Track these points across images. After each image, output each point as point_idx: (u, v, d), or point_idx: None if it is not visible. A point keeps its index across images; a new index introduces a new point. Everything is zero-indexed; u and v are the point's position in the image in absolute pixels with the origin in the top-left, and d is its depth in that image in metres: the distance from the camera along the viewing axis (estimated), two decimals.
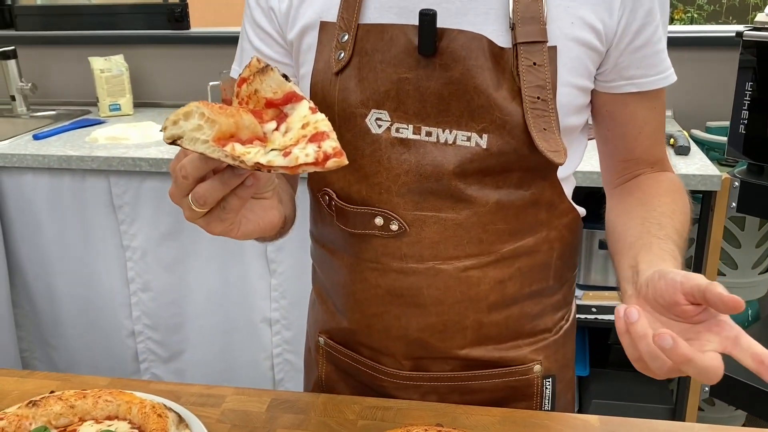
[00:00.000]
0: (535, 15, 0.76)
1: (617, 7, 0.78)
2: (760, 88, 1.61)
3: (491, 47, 0.76)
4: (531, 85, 0.76)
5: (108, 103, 2.36)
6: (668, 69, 0.84)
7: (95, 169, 1.92)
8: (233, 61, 0.98)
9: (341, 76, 0.80)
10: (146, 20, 2.50)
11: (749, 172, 1.70)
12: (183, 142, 0.58)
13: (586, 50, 0.78)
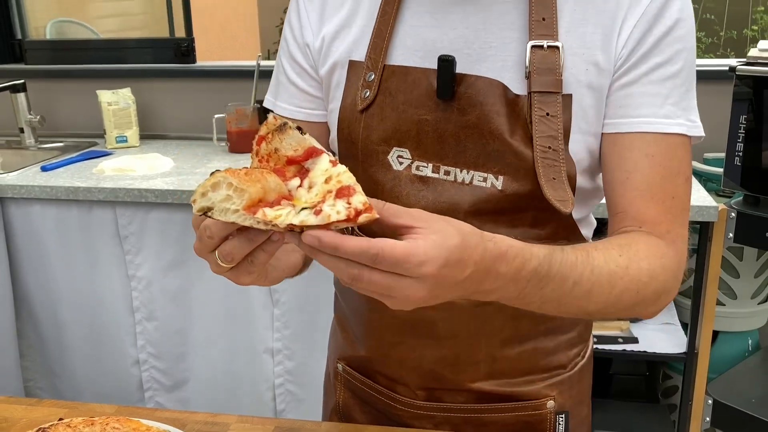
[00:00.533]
0: (551, 66, 0.77)
1: (623, 41, 0.79)
2: (754, 121, 1.64)
3: (506, 94, 0.79)
4: (543, 135, 0.78)
5: (115, 135, 2.40)
6: (660, 116, 0.79)
7: (102, 200, 1.95)
8: (238, 94, 1.01)
9: (366, 113, 0.83)
10: (154, 54, 2.56)
11: (746, 203, 1.73)
12: (214, 214, 0.58)
13: (601, 95, 0.80)
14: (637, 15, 0.78)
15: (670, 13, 0.78)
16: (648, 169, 0.79)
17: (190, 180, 1.99)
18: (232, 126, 2.31)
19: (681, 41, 0.79)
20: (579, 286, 0.72)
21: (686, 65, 0.80)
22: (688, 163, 0.82)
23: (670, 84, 0.79)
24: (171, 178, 2.02)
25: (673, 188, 0.80)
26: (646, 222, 0.80)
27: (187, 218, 1.94)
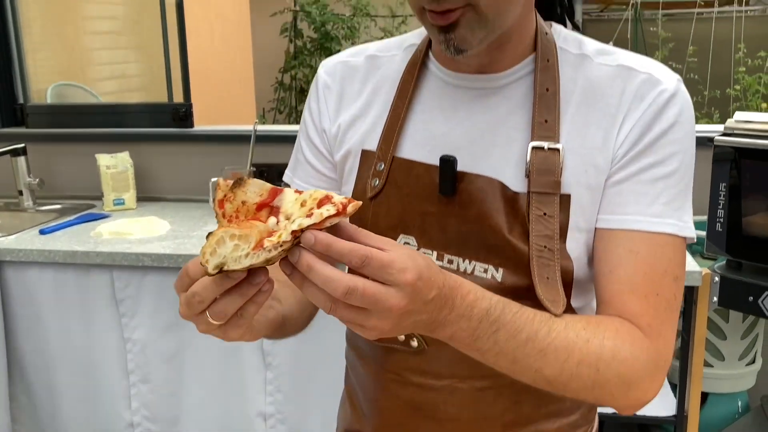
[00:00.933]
0: (551, 167, 0.80)
1: (620, 141, 0.81)
2: (734, 189, 1.70)
3: (505, 192, 0.82)
4: (539, 234, 0.80)
5: (112, 197, 2.45)
6: (646, 214, 0.80)
7: (99, 264, 1.99)
8: (234, 157, 1.06)
9: (375, 201, 0.87)
10: (152, 119, 2.62)
11: (729, 267, 1.77)
12: (228, 267, 0.61)
13: (599, 194, 0.82)
14: (635, 117, 0.80)
15: (666, 116, 0.80)
16: (631, 265, 0.80)
17: (186, 244, 2.03)
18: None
19: (676, 144, 0.80)
20: (533, 343, 0.73)
21: (681, 167, 0.81)
22: (678, 263, 0.82)
23: (661, 184, 0.80)
24: (167, 241, 2.06)
25: (658, 286, 0.80)
26: (627, 314, 0.80)
27: None
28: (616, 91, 0.82)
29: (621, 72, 0.83)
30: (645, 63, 0.84)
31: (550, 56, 0.84)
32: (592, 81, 0.83)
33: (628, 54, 0.86)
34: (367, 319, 0.64)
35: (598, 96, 0.83)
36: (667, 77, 0.83)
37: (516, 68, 0.86)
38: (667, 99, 0.80)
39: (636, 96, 0.81)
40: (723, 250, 1.77)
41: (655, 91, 0.81)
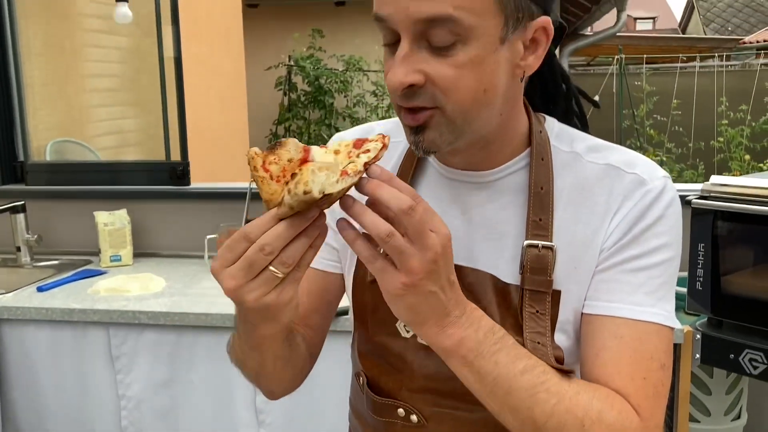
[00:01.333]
0: (544, 266, 0.83)
1: (608, 235, 0.84)
2: (712, 250, 1.77)
3: (497, 285, 0.85)
4: (532, 330, 0.83)
5: (109, 254, 2.49)
6: (627, 302, 0.82)
7: (96, 321, 2.02)
8: (230, 214, 1.09)
9: (375, 285, 0.87)
10: (150, 177, 2.69)
11: (710, 325, 1.83)
12: (326, 190, 0.67)
13: (586, 288, 0.85)
14: (624, 212, 0.83)
15: (653, 212, 0.83)
16: (616, 349, 0.81)
17: (182, 301, 2.07)
18: None
19: (662, 237, 0.82)
20: (529, 375, 0.75)
21: (666, 260, 0.83)
22: (664, 351, 0.83)
23: (644, 275, 0.82)
24: (164, 299, 2.10)
25: (645, 371, 0.80)
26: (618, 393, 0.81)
27: (177, 338, 2.01)
28: (605, 191, 0.85)
29: (609, 171, 0.85)
30: (633, 162, 0.86)
31: (545, 155, 0.87)
32: (582, 180, 0.86)
33: (617, 151, 0.88)
34: (390, 271, 0.70)
35: (587, 194, 0.86)
36: (654, 177, 0.85)
37: (506, 165, 0.88)
38: (653, 198, 0.83)
39: (624, 197, 0.84)
40: (704, 308, 1.82)
41: (641, 191, 0.84)
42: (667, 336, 0.83)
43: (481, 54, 0.75)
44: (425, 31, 0.74)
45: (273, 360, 0.88)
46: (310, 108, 6.76)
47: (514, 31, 0.77)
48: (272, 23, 7.43)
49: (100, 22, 3.60)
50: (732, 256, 1.79)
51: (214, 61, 4.89)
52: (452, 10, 0.72)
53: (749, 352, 1.69)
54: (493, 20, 0.75)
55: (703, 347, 1.79)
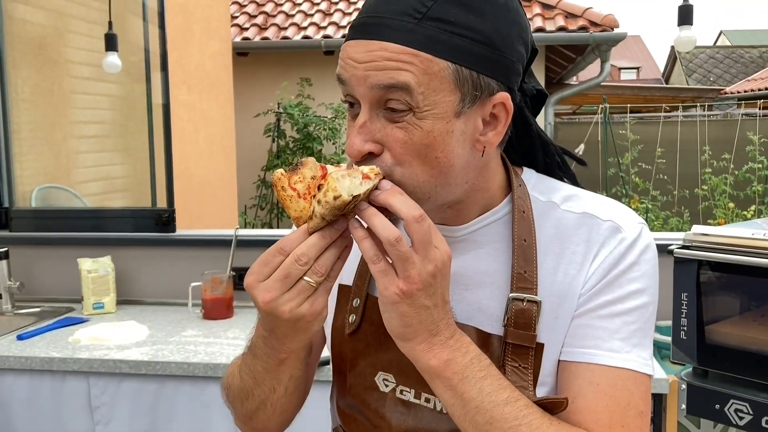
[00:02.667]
0: (528, 321, 0.83)
1: (584, 282, 0.84)
2: (695, 299, 1.77)
3: (479, 336, 0.84)
4: (515, 384, 0.81)
5: (92, 301, 2.47)
6: (602, 348, 0.82)
7: (76, 370, 1.99)
8: (215, 261, 1.10)
9: (353, 337, 0.91)
10: (135, 224, 2.68)
11: (695, 374, 1.82)
12: (353, 193, 0.72)
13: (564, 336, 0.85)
14: (600, 259, 0.84)
15: (627, 259, 0.83)
16: (592, 396, 0.81)
17: (164, 350, 2.05)
18: (207, 293, 2.40)
19: (636, 282, 0.83)
20: (511, 407, 0.75)
21: (640, 305, 0.83)
22: (641, 397, 0.82)
23: (619, 321, 0.82)
24: (146, 348, 2.07)
25: (622, 418, 0.80)
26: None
27: (158, 387, 1.98)
28: (582, 239, 0.85)
29: (585, 220, 0.86)
30: (608, 210, 0.87)
31: (525, 208, 0.87)
32: (559, 228, 0.87)
33: (593, 199, 0.89)
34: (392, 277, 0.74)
35: (566, 243, 0.86)
36: (629, 224, 0.86)
37: (478, 219, 0.88)
38: (628, 245, 0.84)
39: (601, 244, 0.85)
40: (689, 358, 1.82)
41: (617, 238, 0.84)
42: (644, 383, 0.83)
43: (437, 127, 0.76)
44: (383, 97, 0.76)
45: (287, 381, 0.89)
46: (298, 154, 6.80)
47: (471, 107, 0.78)
48: (262, 71, 7.52)
49: (90, 69, 3.63)
50: (715, 306, 1.79)
51: (203, 107, 4.93)
52: (410, 81, 0.75)
53: (735, 402, 1.68)
54: (449, 96, 0.76)
55: (689, 397, 1.77)
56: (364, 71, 0.76)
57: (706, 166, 6.93)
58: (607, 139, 7.43)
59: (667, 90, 13.85)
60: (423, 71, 0.75)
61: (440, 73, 0.75)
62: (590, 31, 7.06)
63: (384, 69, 0.75)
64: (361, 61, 0.76)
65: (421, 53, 0.74)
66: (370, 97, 0.77)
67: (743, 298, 1.80)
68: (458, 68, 0.76)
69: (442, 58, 0.75)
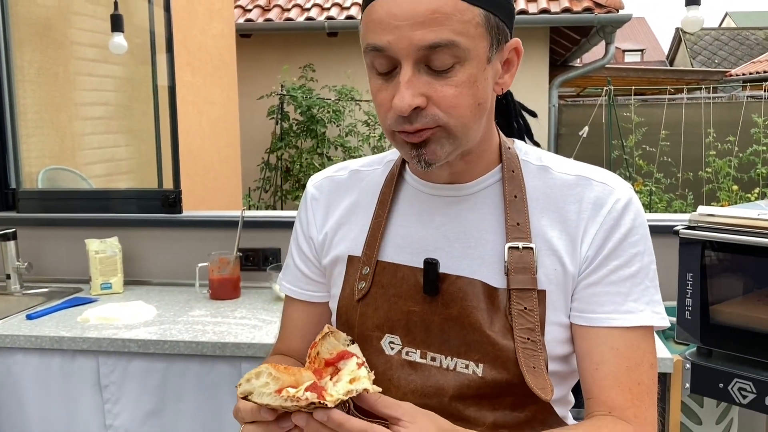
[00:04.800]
0: (527, 265, 0.89)
1: (586, 248, 0.90)
2: (700, 279, 1.78)
3: (485, 289, 0.89)
4: (522, 327, 0.87)
5: (100, 282, 2.49)
6: (620, 312, 0.89)
7: (86, 349, 2.01)
8: (221, 242, 1.15)
9: (362, 303, 0.95)
10: (142, 205, 2.70)
11: (699, 354, 1.83)
12: (253, 397, 0.72)
13: (567, 293, 0.91)
14: (596, 225, 0.90)
15: (624, 222, 0.90)
16: (613, 361, 0.89)
17: (171, 330, 2.06)
18: (215, 274, 2.41)
19: (636, 246, 0.91)
20: None
21: (643, 266, 0.91)
22: (651, 351, 0.92)
23: (629, 283, 0.90)
24: (154, 327, 2.09)
25: (638, 376, 0.89)
26: (615, 408, 0.88)
27: (167, 367, 2.00)
28: (576, 198, 0.92)
29: (580, 181, 0.93)
30: (600, 174, 0.94)
31: (515, 167, 0.94)
32: (554, 188, 0.93)
33: (584, 165, 0.96)
34: None
35: (560, 202, 0.92)
36: (621, 187, 0.93)
37: (482, 178, 0.95)
38: (623, 207, 0.91)
39: (595, 204, 0.91)
40: (693, 337, 1.83)
41: (611, 199, 0.91)
42: (652, 334, 0.92)
43: (475, 73, 0.82)
44: (426, 57, 0.80)
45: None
46: (302, 137, 6.79)
47: (496, 52, 0.85)
48: (265, 53, 7.50)
49: (95, 51, 3.62)
50: (720, 286, 1.80)
51: (206, 90, 4.92)
52: (454, 36, 0.78)
53: (738, 381, 1.70)
54: (482, 42, 0.82)
55: (693, 376, 1.79)
56: (409, 27, 0.78)
57: (711, 149, 6.91)
58: (611, 122, 7.40)
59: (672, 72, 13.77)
60: (462, 21, 0.79)
61: (475, 20, 0.80)
62: (595, 12, 7.02)
63: (430, 25, 0.78)
64: (402, 14, 0.78)
65: (460, 2, 0.79)
66: (414, 55, 0.80)
67: (748, 278, 1.81)
68: (488, 14, 0.81)
69: (476, 5, 0.80)
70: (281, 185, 6.94)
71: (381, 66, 0.83)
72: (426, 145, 0.84)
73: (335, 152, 6.83)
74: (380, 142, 6.69)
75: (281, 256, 2.59)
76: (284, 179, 6.95)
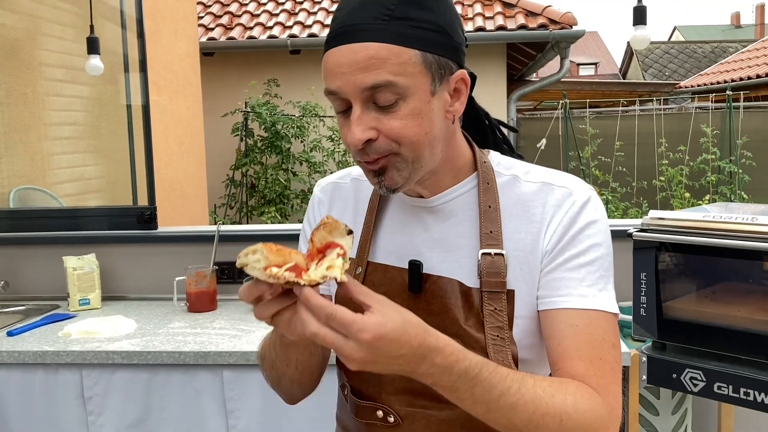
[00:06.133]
0: (497, 270, 0.99)
1: (547, 241, 1.00)
2: (653, 278, 1.92)
3: (462, 288, 1.01)
4: (492, 325, 0.99)
5: (78, 298, 2.53)
6: (574, 295, 0.97)
7: (69, 363, 2.06)
8: (197, 257, 1.25)
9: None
10: (117, 222, 2.75)
11: (654, 348, 1.97)
12: (247, 269, 0.83)
13: (533, 287, 1.01)
14: (557, 221, 1.00)
15: (581, 218, 1.01)
16: (573, 336, 0.96)
17: (154, 341, 2.13)
18: (192, 287, 2.48)
19: (592, 238, 0.99)
20: (505, 398, 0.87)
21: (599, 257, 0.99)
22: (613, 333, 0.98)
23: (584, 271, 0.99)
24: (136, 339, 2.15)
25: (600, 351, 0.96)
26: (577, 376, 0.95)
27: (150, 377, 2.07)
28: (540, 203, 1.03)
29: (543, 187, 1.04)
30: (562, 179, 1.05)
31: (490, 180, 1.05)
32: (521, 196, 1.04)
33: (549, 171, 1.07)
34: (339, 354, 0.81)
35: (526, 207, 1.03)
36: (580, 189, 1.03)
37: (451, 190, 1.06)
38: (580, 206, 1.01)
39: (556, 206, 1.02)
40: (649, 333, 1.97)
41: (570, 200, 1.02)
42: (612, 320, 0.99)
43: (418, 106, 0.93)
44: (371, 95, 0.92)
45: (295, 362, 1.04)
46: (267, 153, 6.86)
47: (440, 85, 0.95)
48: (228, 71, 7.56)
49: (63, 72, 3.66)
50: (672, 284, 1.94)
51: (172, 108, 4.97)
52: (391, 76, 0.90)
53: (690, 371, 1.84)
54: (423, 78, 0.93)
55: (649, 369, 1.92)
56: (352, 73, 0.91)
57: (663, 158, 7.18)
58: (567, 134, 7.65)
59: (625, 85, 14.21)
60: (398, 63, 0.90)
61: (411, 60, 0.91)
62: (550, 28, 7.26)
63: (368, 69, 0.90)
64: (346, 63, 0.91)
65: (395, 47, 0.90)
66: (360, 96, 0.92)
67: (697, 276, 1.95)
68: (424, 54, 0.92)
69: (411, 47, 0.91)
70: (247, 201, 6.99)
71: (338, 106, 0.96)
72: (384, 172, 0.96)
73: (300, 168, 6.91)
74: (345, 157, 6.79)
75: None
76: (249, 195, 7.00)
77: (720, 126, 7.54)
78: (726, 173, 7.25)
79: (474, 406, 0.88)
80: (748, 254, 1.78)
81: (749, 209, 2.00)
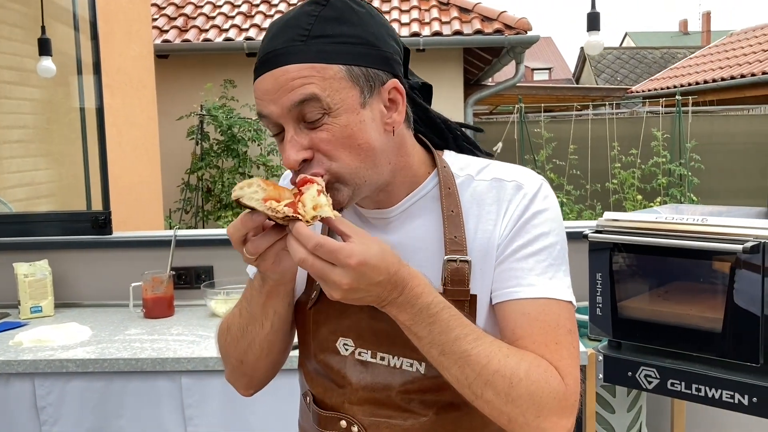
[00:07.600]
0: (462, 278, 0.98)
1: (500, 236, 0.99)
2: (608, 278, 1.97)
3: None
4: None
5: (30, 305, 2.47)
6: (523, 285, 0.96)
7: (21, 372, 2.01)
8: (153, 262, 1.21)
9: (314, 309, 1.05)
10: (70, 227, 2.69)
11: (610, 347, 2.01)
12: (243, 200, 0.85)
13: (492, 282, 1.00)
14: (509, 215, 0.99)
15: (530, 209, 0.99)
16: (527, 325, 0.96)
17: (110, 348, 2.09)
18: (148, 293, 2.44)
19: (540, 227, 0.98)
20: (459, 343, 0.88)
21: (548, 246, 0.98)
22: (568, 318, 0.97)
23: (532, 260, 0.97)
24: (91, 347, 2.11)
25: (555, 336, 0.95)
26: None
27: (106, 385, 2.03)
28: (493, 200, 1.02)
29: (495, 184, 1.03)
30: (512, 173, 1.04)
31: (451, 185, 1.04)
32: (475, 195, 1.03)
33: (501, 166, 1.06)
34: (323, 284, 0.85)
35: (481, 206, 1.02)
36: (530, 181, 1.02)
37: (408, 198, 1.04)
38: (531, 197, 1.00)
39: (508, 201, 1.01)
40: (604, 332, 2.01)
41: (521, 193, 1.01)
42: (567, 308, 0.99)
43: (348, 118, 0.93)
44: (299, 114, 0.92)
45: (273, 316, 1.03)
46: (223, 156, 6.79)
47: (370, 96, 0.94)
48: (183, 73, 7.47)
49: (11, 74, 3.57)
50: (626, 284, 1.99)
51: (126, 111, 4.88)
52: (316, 91, 0.90)
53: (644, 369, 1.88)
54: (350, 92, 0.93)
55: (606, 367, 1.96)
56: (277, 97, 0.91)
57: (616, 161, 7.35)
58: (523, 138, 7.76)
59: (578, 90, 14.48)
60: (323, 78, 0.90)
61: (336, 75, 0.91)
62: (505, 34, 7.36)
63: (292, 89, 0.90)
64: (272, 89, 0.92)
65: (316, 64, 0.91)
66: (289, 116, 0.92)
67: (650, 276, 2.00)
68: (349, 68, 0.92)
69: (333, 63, 0.91)
70: (202, 206, 6.91)
71: (272, 129, 0.96)
72: (327, 190, 0.94)
73: (257, 171, 6.85)
74: None
75: (214, 274, 2.64)
76: (205, 200, 6.92)
77: (670, 130, 7.75)
78: (676, 176, 7.45)
79: (430, 348, 0.89)
80: (698, 254, 1.83)
81: (698, 210, 2.06)
